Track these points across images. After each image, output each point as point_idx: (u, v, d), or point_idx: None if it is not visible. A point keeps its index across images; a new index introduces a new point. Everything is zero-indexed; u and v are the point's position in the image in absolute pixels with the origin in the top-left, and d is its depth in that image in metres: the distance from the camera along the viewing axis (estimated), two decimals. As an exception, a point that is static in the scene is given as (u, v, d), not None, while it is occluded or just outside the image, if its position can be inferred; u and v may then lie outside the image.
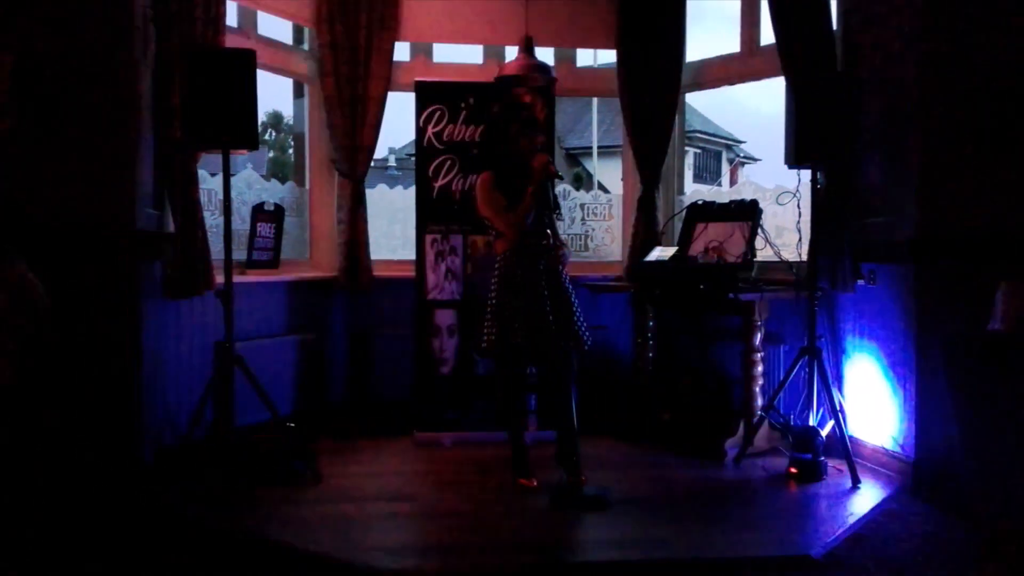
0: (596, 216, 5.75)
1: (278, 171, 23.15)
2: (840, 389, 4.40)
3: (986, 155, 3.89)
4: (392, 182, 6.69)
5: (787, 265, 4.55)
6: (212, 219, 4.56)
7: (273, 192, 5.17)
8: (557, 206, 4.06)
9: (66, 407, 3.50)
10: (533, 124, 4.02)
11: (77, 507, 3.39)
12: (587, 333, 3.95)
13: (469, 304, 4.82)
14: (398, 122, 6.48)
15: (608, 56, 5.59)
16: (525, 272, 3.88)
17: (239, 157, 4.42)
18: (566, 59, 5.64)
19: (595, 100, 6.41)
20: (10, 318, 3.07)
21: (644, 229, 5.26)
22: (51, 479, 3.28)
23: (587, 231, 5.75)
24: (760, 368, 4.51)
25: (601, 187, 10.34)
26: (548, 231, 3.93)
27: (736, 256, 4.60)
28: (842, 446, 4.02)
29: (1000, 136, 3.89)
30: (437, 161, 4.83)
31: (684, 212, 5.20)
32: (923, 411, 3.89)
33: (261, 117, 5.02)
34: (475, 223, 4.80)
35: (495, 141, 3.99)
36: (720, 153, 24.43)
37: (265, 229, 4.79)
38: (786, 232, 4.77)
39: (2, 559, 2.87)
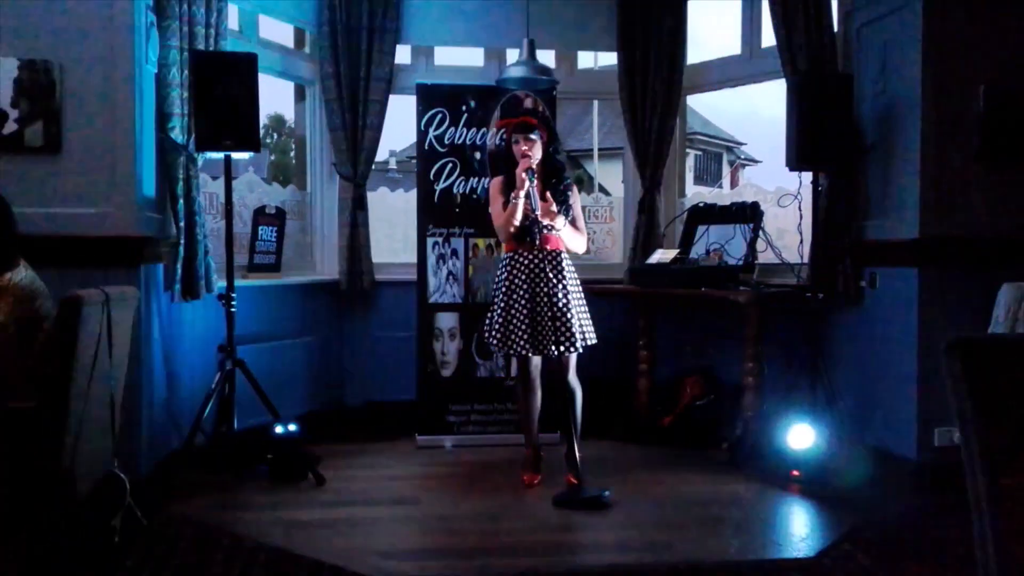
0: (597, 218, 5.74)
1: (279, 174, 23.14)
2: (841, 391, 4.39)
3: (988, 157, 3.89)
4: (393, 185, 6.70)
5: (788, 267, 4.55)
6: (214, 222, 4.57)
7: (275, 195, 5.18)
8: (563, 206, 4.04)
9: (67, 412, 3.49)
10: (525, 129, 3.98)
11: (79, 510, 3.39)
12: (584, 335, 3.96)
13: (470, 307, 4.84)
14: (399, 125, 6.48)
15: (609, 58, 5.59)
16: (513, 275, 3.96)
17: (240, 160, 4.41)
18: (567, 61, 5.64)
19: (596, 102, 6.40)
20: (11, 322, 3.07)
21: (645, 231, 5.26)
22: (53, 482, 3.28)
23: (588, 234, 5.74)
24: (761, 370, 4.51)
25: (602, 189, 10.32)
26: (540, 232, 3.92)
27: (737, 258, 4.60)
28: (843, 448, 4.02)
29: (1001, 138, 3.89)
30: (439, 164, 4.84)
31: (685, 214, 5.20)
32: (925, 413, 3.89)
33: (263, 120, 5.03)
34: (477, 226, 4.83)
35: (504, 147, 4.07)
36: (721, 155, 24.43)
37: (267, 232, 4.79)
38: (787, 234, 4.76)
39: (7, 566, 2.87)
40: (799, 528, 3.56)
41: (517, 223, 3.92)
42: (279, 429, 4.10)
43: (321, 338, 5.19)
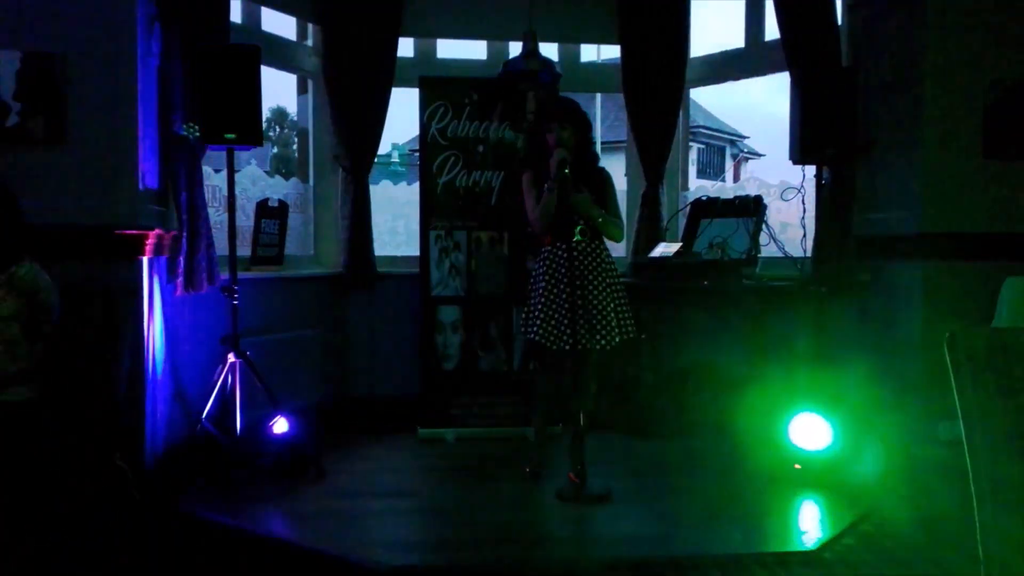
0: (600, 212, 5.73)
1: (282, 167, 23.15)
2: (843, 385, 4.38)
3: (992, 151, 3.89)
4: (396, 178, 6.71)
5: (792, 261, 4.54)
6: (216, 215, 4.57)
7: (277, 188, 5.17)
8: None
9: (72, 404, 3.50)
10: (559, 118, 3.88)
11: (81, 504, 3.40)
12: (624, 328, 3.91)
13: (473, 300, 4.84)
14: (402, 118, 6.47)
15: (612, 51, 5.57)
16: (552, 269, 3.87)
17: (243, 153, 4.41)
18: (570, 54, 5.63)
19: (598, 95, 6.41)
20: (17, 315, 3.09)
21: (648, 225, 5.25)
22: (55, 475, 3.29)
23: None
24: (764, 364, 4.50)
25: (605, 183, 10.34)
26: (576, 223, 3.83)
27: (740, 252, 4.60)
28: (845, 440, 4.02)
29: (1006, 132, 3.89)
30: (441, 157, 4.83)
31: (688, 208, 5.19)
32: (928, 406, 3.88)
33: (265, 113, 5.01)
34: (479, 219, 4.82)
35: (535, 138, 4.03)
36: (724, 148, 24.40)
37: (269, 225, 4.79)
38: (791, 228, 4.76)
39: (7, 560, 2.88)
40: (801, 521, 3.57)
41: (551, 213, 3.81)
42: (281, 422, 4.10)
43: (323, 331, 5.19)
